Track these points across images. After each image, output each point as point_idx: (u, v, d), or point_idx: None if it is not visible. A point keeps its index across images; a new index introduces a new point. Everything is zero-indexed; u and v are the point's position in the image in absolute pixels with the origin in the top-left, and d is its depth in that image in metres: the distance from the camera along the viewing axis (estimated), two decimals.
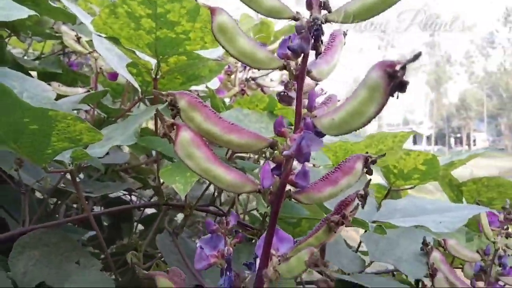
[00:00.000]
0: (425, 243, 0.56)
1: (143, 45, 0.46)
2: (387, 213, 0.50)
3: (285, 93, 0.29)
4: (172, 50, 0.46)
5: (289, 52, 0.28)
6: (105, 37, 0.46)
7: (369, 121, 0.22)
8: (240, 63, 0.71)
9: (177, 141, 0.29)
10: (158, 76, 0.52)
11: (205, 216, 0.74)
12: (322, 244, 0.30)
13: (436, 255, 0.55)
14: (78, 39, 0.68)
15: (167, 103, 0.30)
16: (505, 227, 0.57)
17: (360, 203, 0.33)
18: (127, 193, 0.96)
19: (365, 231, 0.62)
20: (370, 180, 0.33)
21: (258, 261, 0.32)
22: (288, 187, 0.31)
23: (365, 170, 0.32)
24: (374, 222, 0.47)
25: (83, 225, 0.74)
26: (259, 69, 0.30)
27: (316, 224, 0.32)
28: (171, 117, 0.30)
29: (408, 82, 0.20)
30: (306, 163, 0.29)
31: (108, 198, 0.86)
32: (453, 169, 0.69)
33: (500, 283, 0.56)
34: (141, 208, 0.86)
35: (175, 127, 0.29)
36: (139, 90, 0.61)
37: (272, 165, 0.30)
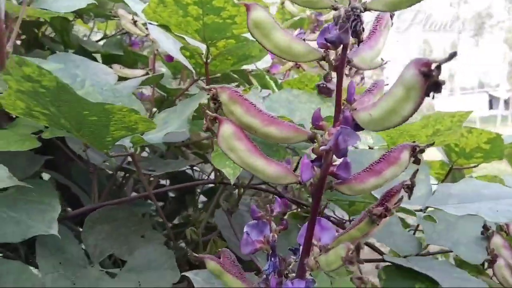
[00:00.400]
0: (485, 227, 0.53)
1: (192, 31, 0.47)
2: (441, 198, 0.48)
3: (324, 85, 0.28)
4: (219, 34, 0.47)
5: (327, 43, 0.27)
6: (156, 25, 0.48)
7: (404, 120, 0.22)
8: None
9: (219, 135, 0.30)
10: (208, 60, 0.53)
11: (260, 193, 0.76)
12: (365, 236, 0.30)
13: (497, 240, 0.52)
14: (134, 22, 0.71)
15: (209, 97, 0.30)
16: None
17: (407, 193, 0.32)
18: (189, 167, 1.00)
19: None
20: (418, 170, 0.32)
21: None
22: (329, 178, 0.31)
23: (412, 159, 0.31)
24: (426, 208, 0.45)
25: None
26: (296, 62, 0.30)
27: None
28: (213, 110, 0.31)
29: (444, 82, 0.19)
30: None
31: (173, 172, 0.91)
32: None
33: None
34: None
35: (217, 121, 0.30)
36: (193, 71, 0.63)
37: (313, 157, 0.30)
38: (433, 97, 0.19)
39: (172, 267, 0.58)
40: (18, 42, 0.81)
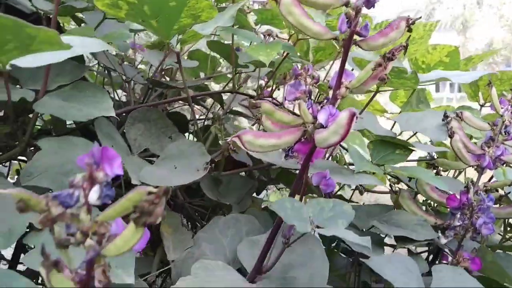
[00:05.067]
0: (445, 115, 0.71)
1: None
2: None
3: None
4: None
5: None
6: None
7: None
8: None
9: (281, 3, 0.44)
10: None
11: None
12: (380, 70, 0.45)
13: (454, 123, 0.70)
14: None
15: None
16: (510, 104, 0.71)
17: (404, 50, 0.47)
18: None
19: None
20: (410, 36, 0.48)
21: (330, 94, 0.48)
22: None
23: (406, 28, 0.47)
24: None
25: None
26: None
27: None
28: None
29: None
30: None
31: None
32: (472, 65, 0.82)
33: (503, 146, 0.71)
34: None
35: None
36: None
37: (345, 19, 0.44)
38: None
39: (203, 153, 0.70)
40: None
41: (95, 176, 0.23)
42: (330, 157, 0.73)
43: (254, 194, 0.93)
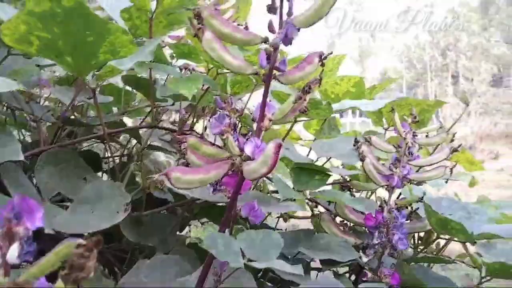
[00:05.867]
0: (356, 141, 0.76)
1: None
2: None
3: (272, 6, 0.45)
4: None
5: None
6: None
7: (327, 12, 0.40)
8: None
9: (204, 39, 0.45)
10: (153, 17, 0.66)
11: None
12: (300, 102, 0.48)
13: (364, 147, 0.75)
14: None
15: (193, 14, 0.45)
16: (411, 127, 0.79)
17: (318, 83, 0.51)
18: None
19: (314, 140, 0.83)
20: (323, 69, 0.51)
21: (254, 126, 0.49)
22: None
23: (320, 63, 0.50)
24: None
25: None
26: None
27: None
28: (196, 24, 0.45)
29: None
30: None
31: None
32: (375, 93, 0.90)
33: (408, 166, 0.78)
34: None
35: (201, 30, 0.45)
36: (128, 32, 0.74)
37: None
38: None
39: (121, 193, 0.66)
40: None
41: (15, 232, 0.21)
42: (254, 187, 0.74)
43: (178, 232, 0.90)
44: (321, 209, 0.82)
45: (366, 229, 0.70)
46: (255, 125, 0.49)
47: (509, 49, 22.83)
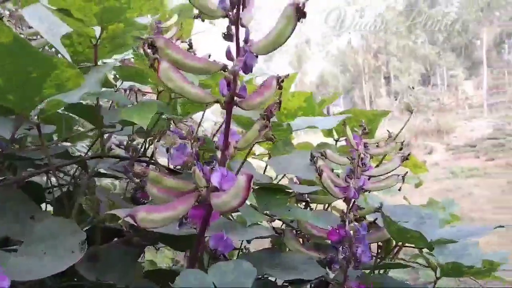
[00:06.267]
0: (312, 156, 0.77)
1: (91, 15, 0.57)
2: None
3: (228, 33, 0.44)
4: (115, 17, 0.58)
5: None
6: (55, 9, 0.56)
7: (285, 40, 0.40)
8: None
9: (160, 69, 0.43)
10: (98, 43, 0.63)
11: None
12: (261, 132, 0.47)
13: (320, 162, 0.77)
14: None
15: (147, 44, 0.43)
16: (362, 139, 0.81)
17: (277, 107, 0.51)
18: None
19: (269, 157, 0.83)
20: (281, 92, 0.52)
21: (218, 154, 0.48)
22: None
23: (278, 86, 0.51)
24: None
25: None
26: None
27: None
28: (151, 53, 0.43)
29: (306, 13, 0.38)
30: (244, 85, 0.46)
31: None
32: (324, 106, 0.92)
33: (363, 177, 0.80)
34: None
35: (156, 60, 0.43)
36: (69, 59, 0.70)
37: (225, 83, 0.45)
38: (301, 22, 0.38)
39: (75, 230, 0.62)
40: None
41: None
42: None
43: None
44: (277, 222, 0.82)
45: (329, 243, 0.71)
46: (218, 153, 0.48)
47: (433, 49, 24.55)
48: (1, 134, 0.67)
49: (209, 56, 0.98)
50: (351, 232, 0.67)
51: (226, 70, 0.45)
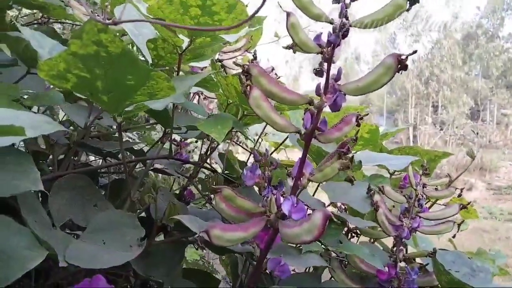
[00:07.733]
0: (369, 189, 0.77)
1: None
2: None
3: (319, 69, 0.46)
4: (205, 32, 0.61)
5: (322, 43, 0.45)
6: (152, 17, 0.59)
7: (380, 87, 0.41)
8: None
9: (251, 96, 0.45)
10: (183, 53, 0.66)
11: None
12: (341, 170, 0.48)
13: (377, 196, 0.76)
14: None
15: (242, 71, 0.45)
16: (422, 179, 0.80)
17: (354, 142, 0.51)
18: None
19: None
20: (359, 129, 0.52)
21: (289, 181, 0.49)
22: None
23: (356, 123, 0.51)
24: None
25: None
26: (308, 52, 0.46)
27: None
28: (245, 79, 0.45)
29: (407, 66, 0.38)
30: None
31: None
32: (386, 139, 0.92)
33: (417, 218, 0.79)
34: None
35: (249, 87, 0.45)
36: (150, 61, 0.74)
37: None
38: (401, 73, 0.39)
39: (135, 225, 0.65)
40: None
41: None
42: None
43: None
44: None
45: (377, 281, 0.71)
46: (289, 180, 0.49)
47: (487, 84, 23.66)
48: (75, 121, 0.71)
49: (272, 69, 1.00)
50: (401, 273, 0.67)
51: (312, 104, 0.46)
